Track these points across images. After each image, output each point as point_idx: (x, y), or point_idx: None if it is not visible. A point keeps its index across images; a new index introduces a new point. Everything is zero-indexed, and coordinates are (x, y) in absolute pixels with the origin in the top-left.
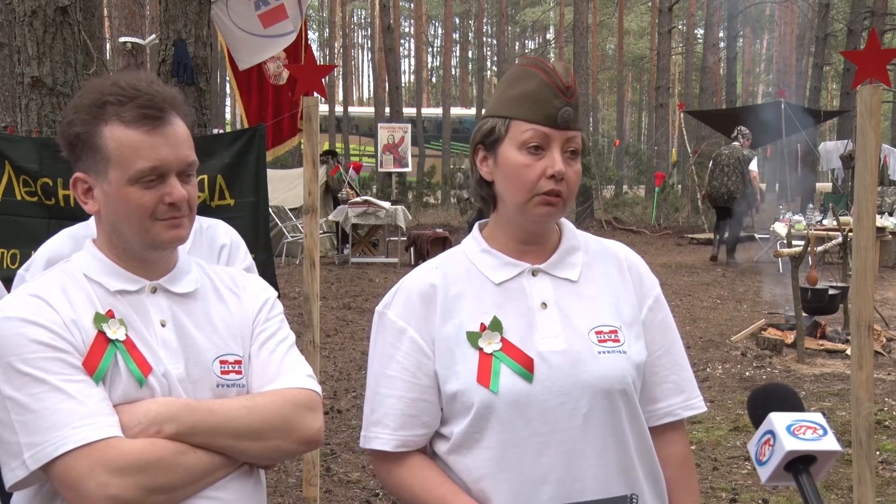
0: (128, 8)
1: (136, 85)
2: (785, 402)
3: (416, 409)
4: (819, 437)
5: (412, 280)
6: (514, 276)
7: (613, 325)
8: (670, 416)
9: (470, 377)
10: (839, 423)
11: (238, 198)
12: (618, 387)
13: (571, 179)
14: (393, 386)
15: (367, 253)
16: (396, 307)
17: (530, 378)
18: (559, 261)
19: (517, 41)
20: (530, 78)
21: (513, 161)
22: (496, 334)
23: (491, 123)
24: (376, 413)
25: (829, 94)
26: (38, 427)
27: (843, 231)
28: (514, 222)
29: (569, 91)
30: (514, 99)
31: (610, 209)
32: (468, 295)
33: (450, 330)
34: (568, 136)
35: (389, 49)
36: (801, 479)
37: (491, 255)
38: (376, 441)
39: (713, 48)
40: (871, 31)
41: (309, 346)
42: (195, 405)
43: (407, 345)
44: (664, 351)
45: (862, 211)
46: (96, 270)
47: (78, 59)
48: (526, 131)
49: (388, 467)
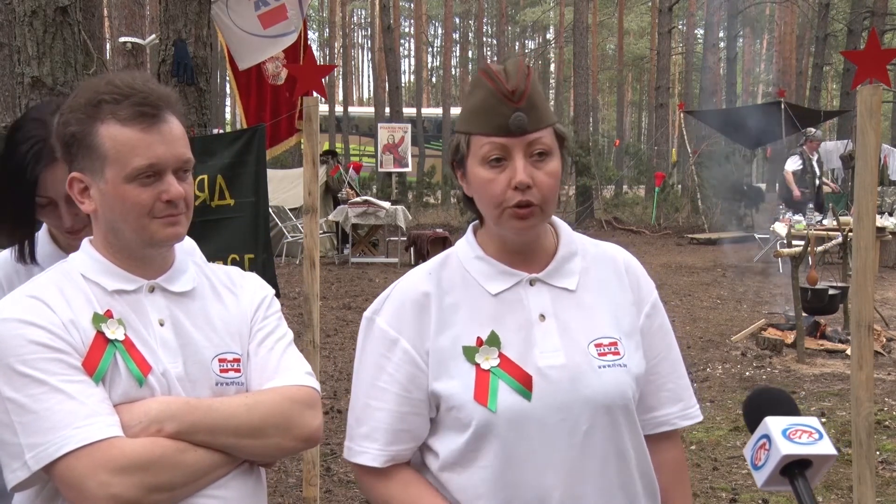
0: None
1: (130, 83)
2: (780, 406)
3: (407, 424)
4: (815, 441)
5: (404, 286)
6: (511, 287)
7: (613, 337)
8: (667, 425)
9: (466, 394)
10: (839, 423)
11: (238, 198)
12: (619, 402)
13: (544, 183)
14: (384, 399)
15: (367, 253)
16: (387, 314)
17: (529, 396)
18: (557, 269)
19: (517, 41)
20: (480, 88)
21: (478, 177)
22: (494, 349)
23: (455, 140)
24: (364, 426)
25: (829, 94)
26: (39, 428)
27: (843, 231)
28: (499, 235)
29: (515, 95)
30: (469, 112)
31: (610, 209)
32: (464, 306)
33: (445, 342)
34: (528, 140)
35: (389, 49)
36: (796, 483)
37: (486, 262)
38: (364, 455)
39: (713, 48)
40: (871, 31)
41: (309, 346)
42: (195, 403)
43: (399, 356)
44: (662, 358)
45: (862, 211)
46: (93, 270)
47: (78, 59)
48: (483, 145)
49: (374, 480)
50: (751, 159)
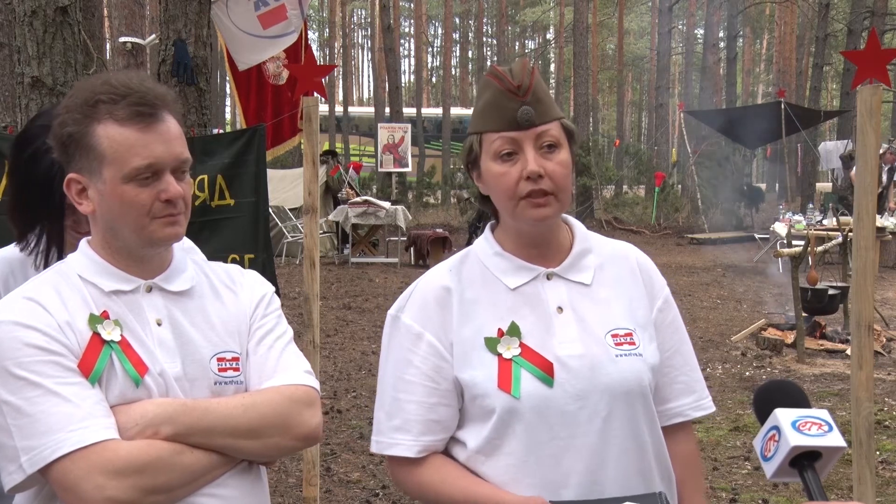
0: (128, 8)
1: (127, 83)
2: (790, 398)
3: (437, 415)
4: (824, 433)
5: (426, 283)
6: (529, 281)
7: (628, 328)
8: (681, 416)
9: (490, 383)
10: (839, 423)
11: (238, 198)
12: (636, 390)
13: (555, 172)
14: (413, 391)
15: (367, 253)
16: (411, 311)
17: (551, 382)
18: (572, 264)
19: (517, 41)
20: (488, 88)
21: (492, 172)
22: (515, 339)
23: (469, 142)
24: (396, 419)
25: (829, 94)
26: (35, 431)
27: (843, 231)
28: (516, 229)
29: (521, 89)
30: (479, 112)
31: (610, 209)
32: (484, 299)
33: (467, 334)
34: (537, 132)
35: (389, 49)
36: (805, 474)
37: (504, 258)
38: (398, 447)
39: (713, 48)
40: (871, 31)
41: (309, 346)
42: (192, 405)
43: (425, 349)
44: (674, 351)
45: (862, 211)
46: (90, 271)
47: (78, 59)
48: (494, 141)
49: (409, 471)
50: (751, 159)
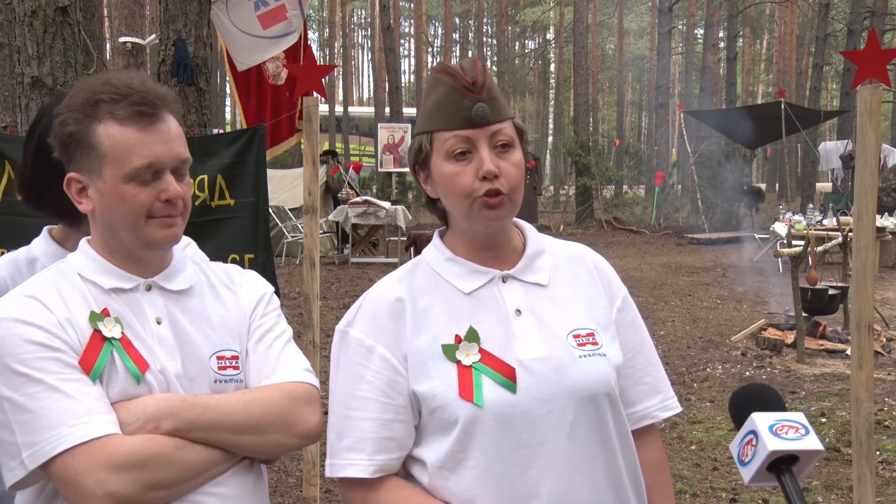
0: (128, 8)
1: (128, 83)
2: (767, 401)
3: (392, 432)
4: (801, 436)
5: (376, 295)
6: (484, 284)
7: (590, 328)
8: (648, 418)
9: (450, 392)
10: (839, 423)
11: (238, 198)
12: (603, 390)
13: (509, 172)
14: (366, 408)
15: (367, 253)
16: (361, 323)
17: (514, 388)
18: (527, 266)
19: (517, 41)
20: (438, 85)
21: (444, 172)
22: (473, 345)
23: (417, 142)
24: (347, 438)
25: (829, 94)
26: (36, 426)
27: (843, 231)
28: (468, 232)
29: (476, 86)
30: (430, 110)
31: (610, 209)
32: (438, 306)
33: (422, 343)
34: (491, 130)
35: (389, 49)
36: (783, 478)
37: (457, 263)
38: (351, 468)
39: (713, 48)
40: (871, 31)
41: (309, 346)
42: (193, 400)
43: (377, 363)
44: (637, 351)
45: (862, 211)
46: (90, 269)
47: (78, 59)
48: (447, 140)
49: (364, 493)
50: (751, 159)
